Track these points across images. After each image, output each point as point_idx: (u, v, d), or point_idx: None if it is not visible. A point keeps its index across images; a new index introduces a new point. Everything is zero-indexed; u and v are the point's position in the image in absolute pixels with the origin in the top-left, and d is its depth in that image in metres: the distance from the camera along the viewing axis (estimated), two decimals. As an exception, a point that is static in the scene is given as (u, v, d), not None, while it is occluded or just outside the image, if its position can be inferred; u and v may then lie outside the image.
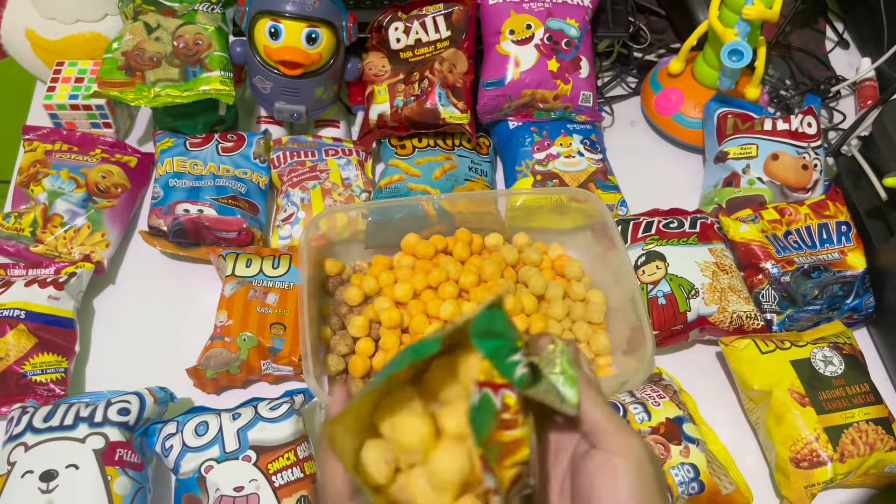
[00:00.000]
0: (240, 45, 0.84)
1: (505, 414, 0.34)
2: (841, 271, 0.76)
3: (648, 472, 0.36)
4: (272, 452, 0.62)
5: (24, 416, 0.63)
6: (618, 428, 0.36)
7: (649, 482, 0.36)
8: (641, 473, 0.36)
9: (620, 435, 0.36)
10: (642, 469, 0.36)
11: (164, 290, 0.81)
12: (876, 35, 0.99)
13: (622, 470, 0.35)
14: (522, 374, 0.35)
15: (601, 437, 0.36)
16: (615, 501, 0.35)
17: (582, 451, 0.38)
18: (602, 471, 0.36)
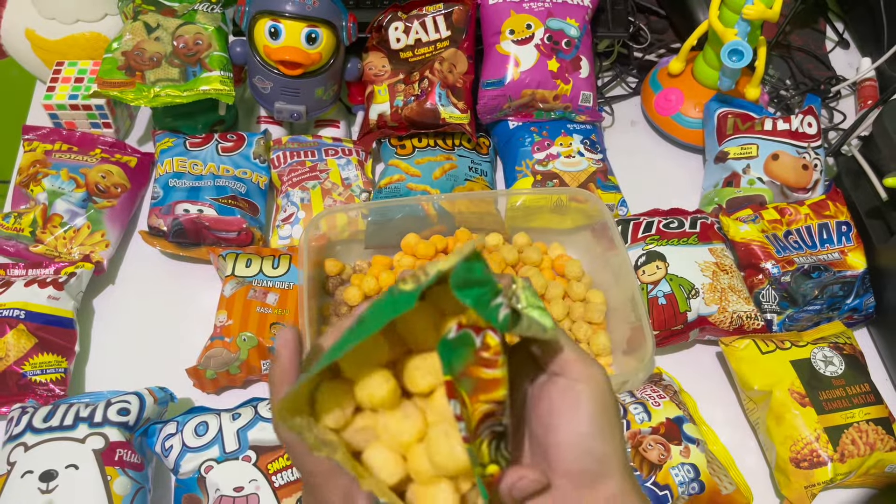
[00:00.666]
0: (240, 44, 0.84)
1: (485, 353, 0.35)
2: (841, 271, 0.76)
3: (609, 399, 0.37)
4: (272, 452, 0.62)
5: (23, 416, 0.63)
6: (580, 357, 0.37)
7: (609, 409, 0.37)
8: (602, 400, 0.36)
9: (583, 363, 0.37)
10: (603, 396, 0.37)
11: (163, 290, 0.81)
12: (876, 35, 0.99)
13: (584, 396, 0.36)
14: (505, 315, 0.36)
15: (564, 365, 0.37)
16: (576, 425, 0.36)
17: (542, 380, 0.38)
18: (564, 397, 0.37)
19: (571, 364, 0.37)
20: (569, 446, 0.36)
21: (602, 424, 0.36)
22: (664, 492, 0.62)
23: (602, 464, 0.36)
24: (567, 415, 0.36)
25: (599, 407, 0.36)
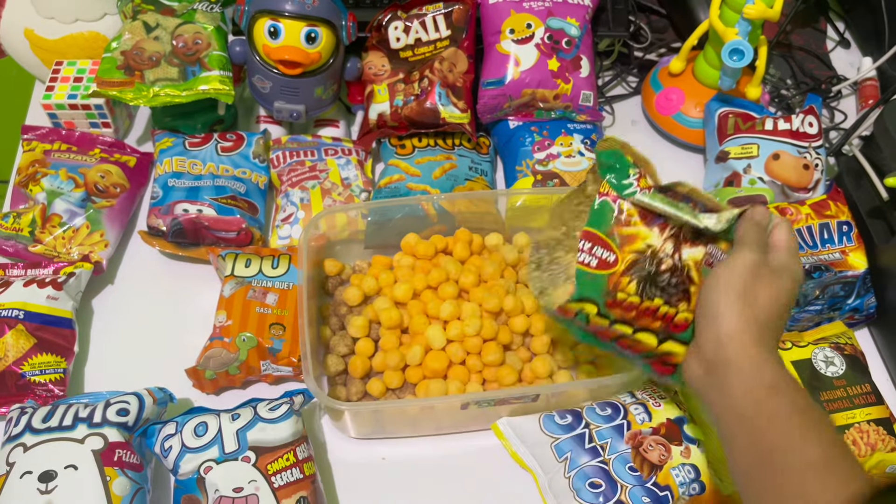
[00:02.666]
0: (239, 44, 0.84)
1: (621, 216, 0.53)
2: (842, 271, 0.76)
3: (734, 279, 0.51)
4: (271, 453, 0.62)
5: (22, 416, 0.63)
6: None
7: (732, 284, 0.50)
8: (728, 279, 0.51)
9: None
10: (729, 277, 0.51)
11: (163, 290, 0.81)
12: (877, 34, 0.99)
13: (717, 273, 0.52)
14: (634, 191, 0.53)
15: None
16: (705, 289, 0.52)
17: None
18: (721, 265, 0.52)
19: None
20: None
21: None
22: (665, 492, 0.62)
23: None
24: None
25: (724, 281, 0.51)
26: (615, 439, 0.65)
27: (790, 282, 0.51)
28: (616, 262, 0.52)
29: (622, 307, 0.53)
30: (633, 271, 0.52)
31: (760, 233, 0.53)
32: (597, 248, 0.53)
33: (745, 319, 0.49)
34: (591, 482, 0.63)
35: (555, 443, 0.66)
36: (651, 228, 0.53)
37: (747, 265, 0.51)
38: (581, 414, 0.67)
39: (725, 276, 0.51)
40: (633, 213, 0.53)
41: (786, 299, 0.51)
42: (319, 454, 0.71)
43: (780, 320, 0.51)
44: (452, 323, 0.71)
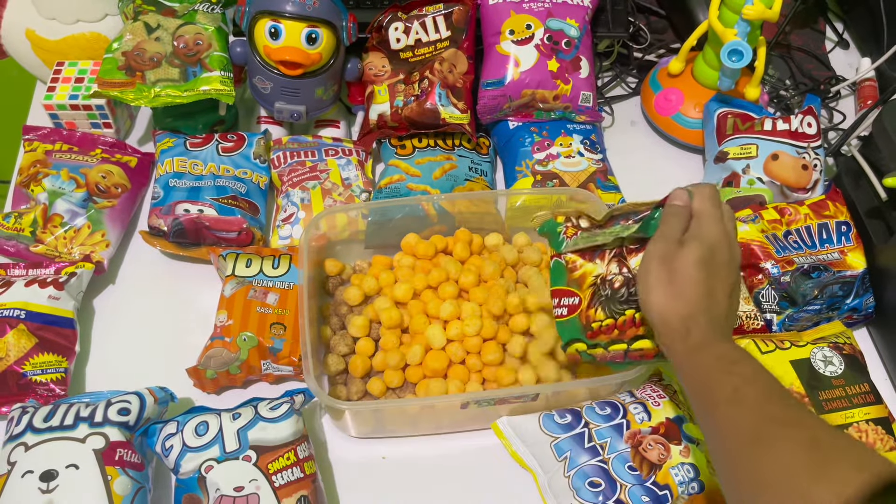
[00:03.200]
0: (240, 45, 0.84)
1: (568, 265, 0.63)
2: (841, 271, 0.76)
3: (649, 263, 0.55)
4: (272, 452, 0.62)
5: (24, 416, 0.63)
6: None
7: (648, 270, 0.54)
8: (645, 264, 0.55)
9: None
10: (647, 262, 0.55)
11: (164, 290, 0.81)
12: (876, 35, 0.99)
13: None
14: (567, 243, 0.63)
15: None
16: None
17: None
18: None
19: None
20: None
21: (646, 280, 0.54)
22: (664, 491, 0.62)
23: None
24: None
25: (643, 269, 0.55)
26: (614, 438, 0.65)
27: (695, 244, 0.53)
28: (580, 303, 0.61)
29: (603, 332, 0.59)
30: (594, 301, 0.60)
31: (674, 217, 0.56)
32: (563, 299, 0.62)
33: (666, 303, 0.53)
34: (590, 481, 0.63)
35: (554, 442, 0.66)
36: (594, 262, 0.61)
37: (653, 255, 0.54)
38: (580, 413, 0.68)
39: (642, 274, 0.55)
40: (575, 258, 0.62)
41: (694, 264, 0.52)
42: (320, 453, 0.71)
43: (700, 285, 0.52)
44: (452, 323, 0.72)
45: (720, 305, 0.53)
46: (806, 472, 0.43)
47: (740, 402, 0.48)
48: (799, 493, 0.42)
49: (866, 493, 0.40)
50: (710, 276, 0.53)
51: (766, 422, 0.46)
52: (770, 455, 0.44)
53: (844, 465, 0.42)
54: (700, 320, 0.52)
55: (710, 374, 0.50)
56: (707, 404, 0.50)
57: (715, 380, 0.50)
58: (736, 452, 0.47)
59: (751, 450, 0.45)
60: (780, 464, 0.44)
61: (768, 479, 0.44)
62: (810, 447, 0.44)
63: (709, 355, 0.51)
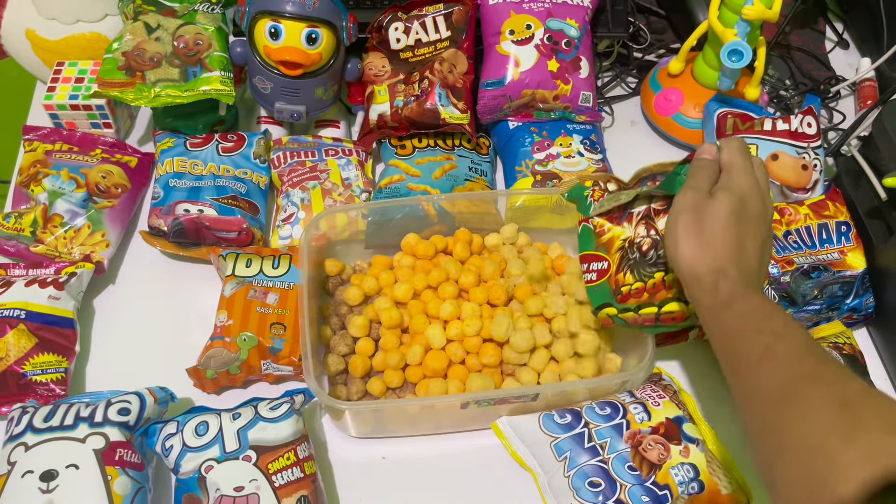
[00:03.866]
0: (240, 45, 0.84)
1: (596, 230, 0.63)
2: (840, 271, 0.76)
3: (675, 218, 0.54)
4: (272, 452, 0.62)
5: (24, 416, 0.63)
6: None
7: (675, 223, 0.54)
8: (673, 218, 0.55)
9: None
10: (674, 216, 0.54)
11: (164, 290, 0.81)
12: (876, 35, 0.99)
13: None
14: (594, 206, 0.64)
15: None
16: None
17: None
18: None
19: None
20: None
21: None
22: (664, 491, 0.62)
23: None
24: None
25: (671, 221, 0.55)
26: (614, 438, 0.65)
27: (725, 196, 0.53)
28: (609, 267, 0.61)
29: (633, 296, 0.60)
30: (623, 265, 0.61)
31: (703, 170, 0.55)
32: (592, 264, 0.63)
33: (694, 255, 0.52)
34: (590, 481, 0.63)
35: (554, 442, 0.66)
36: (621, 225, 0.62)
37: (682, 206, 0.54)
38: (580, 413, 0.68)
39: (671, 226, 0.54)
40: (603, 223, 0.63)
41: (725, 215, 0.52)
42: (320, 453, 0.71)
43: (731, 237, 0.52)
44: (452, 323, 0.72)
45: (751, 258, 0.52)
46: (835, 433, 0.40)
47: (771, 360, 0.46)
48: (827, 456, 0.39)
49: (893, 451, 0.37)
50: (742, 227, 0.52)
51: (797, 380, 0.44)
52: (798, 414, 0.42)
53: (875, 426, 0.39)
54: (730, 273, 0.51)
55: (740, 330, 0.49)
56: (736, 361, 0.48)
57: (745, 337, 0.48)
58: (764, 411, 0.45)
59: (780, 409, 0.43)
60: (809, 424, 0.41)
61: (795, 441, 0.41)
62: (841, 406, 0.41)
63: (738, 311, 0.49)
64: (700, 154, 0.57)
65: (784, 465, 0.42)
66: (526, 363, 0.71)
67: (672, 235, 0.54)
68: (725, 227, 0.52)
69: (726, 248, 0.51)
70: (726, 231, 0.52)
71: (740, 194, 0.53)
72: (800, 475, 0.41)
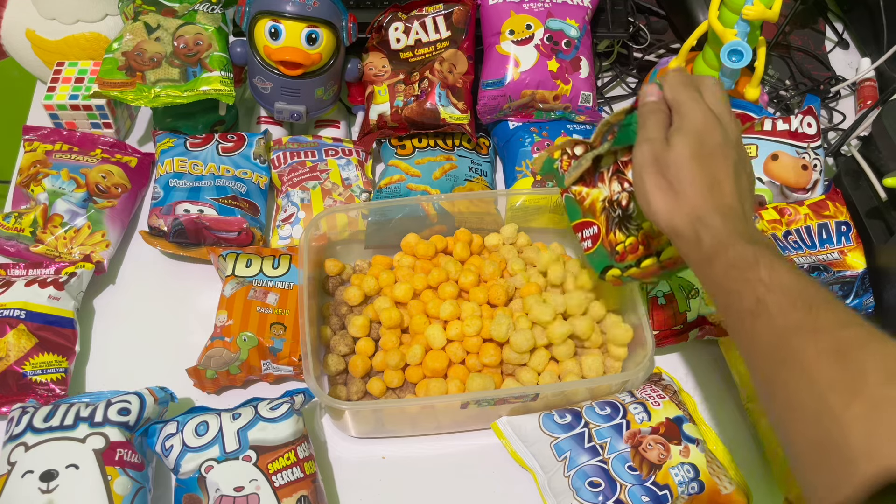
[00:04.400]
0: (240, 45, 0.84)
1: (576, 197, 0.63)
2: (840, 271, 0.76)
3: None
4: (272, 452, 0.62)
5: (24, 416, 0.63)
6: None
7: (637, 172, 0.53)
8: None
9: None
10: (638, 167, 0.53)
11: (164, 290, 0.81)
12: (875, 35, 0.99)
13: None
14: (565, 176, 0.64)
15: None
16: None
17: None
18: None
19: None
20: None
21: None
22: (664, 491, 0.62)
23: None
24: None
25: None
26: (614, 438, 0.65)
27: (681, 139, 0.50)
28: (599, 230, 0.61)
29: (629, 252, 0.60)
30: (611, 225, 0.60)
31: (651, 116, 0.53)
32: (584, 231, 0.63)
33: (670, 209, 0.50)
34: (590, 481, 0.63)
35: (554, 442, 0.66)
36: (596, 186, 0.61)
37: (640, 161, 0.52)
38: (580, 413, 0.68)
39: (637, 185, 0.52)
40: (580, 189, 0.63)
41: (686, 160, 0.50)
42: (320, 453, 0.71)
43: (700, 180, 0.49)
44: (452, 323, 0.72)
45: (727, 195, 0.49)
46: (835, 391, 0.38)
47: (763, 314, 0.44)
48: (831, 415, 0.38)
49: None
50: (708, 165, 0.50)
51: (791, 333, 0.42)
52: (797, 372, 0.40)
53: (875, 378, 0.38)
54: (710, 221, 0.48)
55: (729, 284, 0.46)
56: (731, 317, 0.47)
57: (734, 291, 0.46)
58: (765, 367, 0.43)
59: (778, 366, 0.42)
60: (808, 382, 0.40)
61: (798, 401, 0.40)
62: (837, 358, 0.39)
63: (724, 262, 0.47)
64: (644, 98, 0.54)
65: (792, 426, 0.41)
66: (526, 363, 0.71)
67: (641, 194, 0.51)
68: (692, 171, 0.49)
69: (700, 194, 0.49)
70: (694, 175, 0.49)
71: (695, 131, 0.50)
72: (809, 436, 0.40)
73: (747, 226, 0.49)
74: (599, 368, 0.71)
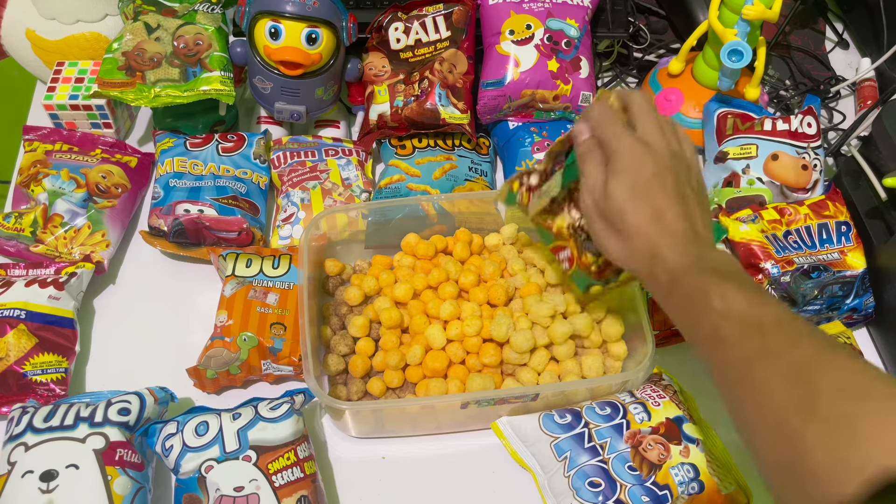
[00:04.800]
0: (240, 45, 0.84)
1: (543, 224, 0.64)
2: (841, 271, 0.76)
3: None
4: (272, 452, 0.62)
5: (24, 416, 0.63)
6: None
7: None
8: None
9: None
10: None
11: (164, 290, 0.81)
12: (875, 35, 0.99)
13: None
14: (528, 209, 0.65)
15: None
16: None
17: None
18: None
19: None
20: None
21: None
22: (664, 491, 0.62)
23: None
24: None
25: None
26: (614, 438, 0.65)
27: (618, 182, 0.50)
28: (573, 253, 0.63)
29: (607, 269, 0.62)
30: (581, 248, 0.62)
31: (589, 154, 0.53)
32: (560, 254, 0.64)
33: (624, 253, 0.52)
34: (590, 481, 0.63)
35: (554, 442, 0.66)
36: (560, 214, 0.62)
37: (588, 211, 0.54)
38: (580, 413, 0.68)
39: (589, 229, 0.55)
40: (545, 218, 0.64)
41: (626, 202, 0.50)
42: (320, 453, 0.71)
43: (644, 216, 0.50)
44: (452, 323, 0.72)
45: (672, 221, 0.49)
46: (795, 411, 0.40)
47: (720, 344, 0.45)
48: (794, 437, 0.39)
49: (854, 423, 0.37)
50: (645, 199, 0.49)
51: (747, 362, 0.43)
52: (758, 398, 0.42)
53: (827, 396, 0.39)
54: (662, 254, 0.49)
55: (686, 317, 0.48)
56: (695, 346, 0.48)
57: (692, 323, 0.48)
58: (729, 393, 0.45)
59: (742, 393, 0.43)
60: (769, 407, 0.41)
61: (763, 425, 0.41)
62: (793, 380, 0.41)
63: (679, 297, 0.48)
64: (576, 140, 0.54)
65: (761, 449, 0.42)
66: (526, 363, 0.71)
67: (596, 240, 0.54)
68: (633, 212, 0.49)
69: (646, 232, 0.49)
70: (635, 215, 0.49)
71: (625, 170, 0.50)
72: (777, 458, 0.41)
73: (699, 248, 0.49)
74: (599, 368, 0.71)
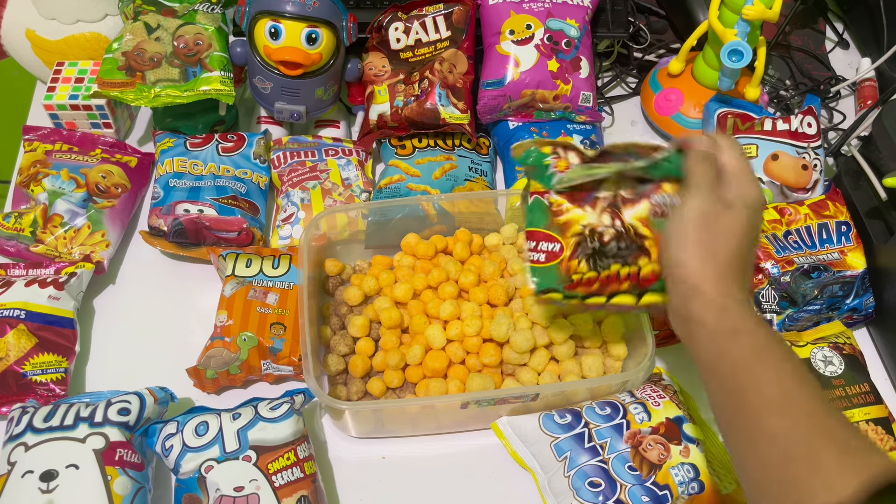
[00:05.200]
0: (240, 45, 0.84)
1: (553, 207, 0.57)
2: (841, 271, 0.76)
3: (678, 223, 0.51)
4: (272, 452, 0.62)
5: (24, 416, 0.63)
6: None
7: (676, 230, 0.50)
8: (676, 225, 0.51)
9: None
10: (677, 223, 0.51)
11: (164, 290, 0.81)
12: (876, 35, 0.99)
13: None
14: (559, 177, 0.56)
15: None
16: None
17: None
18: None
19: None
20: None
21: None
22: (664, 491, 0.62)
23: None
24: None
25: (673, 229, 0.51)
26: (614, 438, 0.65)
27: (744, 211, 0.49)
28: (562, 250, 0.56)
29: (583, 285, 0.57)
30: (579, 253, 0.56)
31: (707, 165, 0.51)
32: (541, 243, 0.57)
33: (704, 268, 0.48)
34: (590, 481, 0.63)
35: (554, 442, 0.66)
36: (583, 209, 0.56)
37: (696, 211, 0.49)
38: (580, 413, 0.68)
39: (677, 229, 0.50)
40: (561, 202, 0.57)
41: (742, 232, 0.48)
42: (320, 453, 0.71)
43: (742, 255, 0.49)
44: (452, 323, 0.72)
45: (749, 277, 0.49)
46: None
47: (790, 412, 0.43)
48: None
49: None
50: (751, 246, 0.49)
51: (813, 436, 0.42)
52: (812, 476, 0.41)
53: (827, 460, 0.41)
54: (738, 296, 0.47)
55: (749, 366, 0.45)
56: (743, 402, 0.45)
57: (756, 376, 0.45)
58: (775, 465, 0.42)
59: (793, 468, 0.41)
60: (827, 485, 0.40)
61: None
62: (842, 453, 0.41)
63: (748, 343, 0.46)
64: (698, 145, 0.52)
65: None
66: (526, 363, 0.71)
67: (679, 239, 0.49)
68: (740, 245, 0.48)
69: (737, 269, 0.48)
70: (741, 249, 0.48)
71: (755, 208, 0.49)
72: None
73: (753, 307, 0.50)
74: (599, 368, 0.71)
